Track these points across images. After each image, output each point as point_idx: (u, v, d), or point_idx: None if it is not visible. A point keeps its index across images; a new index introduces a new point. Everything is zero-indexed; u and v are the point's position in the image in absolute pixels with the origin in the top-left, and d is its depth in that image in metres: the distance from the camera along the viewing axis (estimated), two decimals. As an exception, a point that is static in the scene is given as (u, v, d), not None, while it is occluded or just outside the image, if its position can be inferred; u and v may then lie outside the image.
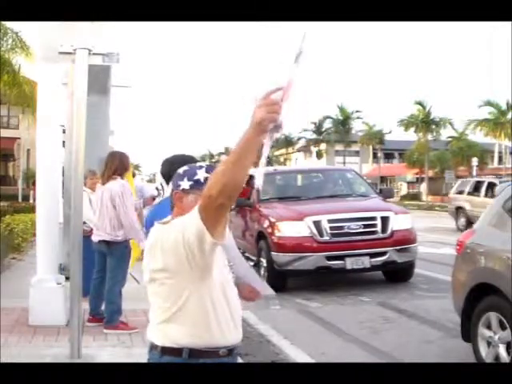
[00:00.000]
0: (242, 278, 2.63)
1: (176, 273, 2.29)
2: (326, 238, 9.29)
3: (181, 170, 2.47)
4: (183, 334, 2.34)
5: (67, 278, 6.18)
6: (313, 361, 5.88)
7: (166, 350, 2.37)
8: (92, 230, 6.85)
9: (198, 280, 2.30)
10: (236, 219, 10.93)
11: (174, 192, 2.45)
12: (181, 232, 2.23)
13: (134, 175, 12.03)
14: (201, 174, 2.42)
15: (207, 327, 2.34)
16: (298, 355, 6.07)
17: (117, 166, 6.50)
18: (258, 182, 2.37)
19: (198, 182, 2.41)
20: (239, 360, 2.82)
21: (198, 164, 2.50)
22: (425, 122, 52.74)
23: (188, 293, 2.31)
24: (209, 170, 2.44)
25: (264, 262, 9.66)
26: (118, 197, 6.36)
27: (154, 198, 8.49)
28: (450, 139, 54.19)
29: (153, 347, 2.43)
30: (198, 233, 2.17)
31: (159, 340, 2.40)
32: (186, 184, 2.42)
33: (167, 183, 3.39)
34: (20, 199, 28.10)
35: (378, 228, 9.50)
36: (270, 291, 2.75)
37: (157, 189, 8.31)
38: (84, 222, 7.17)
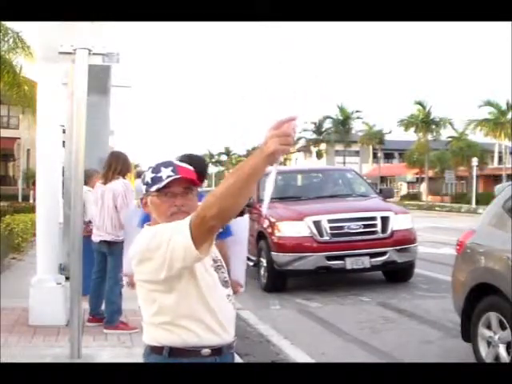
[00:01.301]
0: (232, 272, 2.64)
1: (151, 277, 2.30)
2: (326, 238, 9.29)
3: (146, 173, 2.45)
4: (162, 333, 2.37)
5: (67, 278, 6.18)
6: (313, 361, 5.88)
7: (151, 349, 2.42)
8: (91, 229, 6.85)
9: (174, 287, 2.30)
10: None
11: (141, 199, 2.47)
12: (166, 240, 2.21)
13: (140, 175, 11.98)
14: (148, 176, 2.40)
15: (185, 328, 2.35)
16: (297, 355, 6.07)
17: (121, 166, 6.51)
18: (265, 208, 2.35)
19: (147, 184, 2.39)
20: (238, 360, 2.81)
21: (150, 166, 2.46)
22: (425, 122, 52.78)
23: (163, 298, 2.33)
24: (155, 169, 2.39)
25: (264, 261, 9.66)
26: (120, 197, 6.37)
27: None
28: (450, 139, 54.21)
29: (144, 346, 2.49)
30: (184, 246, 2.16)
31: (146, 339, 2.46)
32: (143, 189, 2.43)
33: None
34: (20, 199, 28.10)
35: (378, 228, 9.50)
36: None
37: None
38: (89, 222, 7.19)
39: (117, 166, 6.48)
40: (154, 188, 2.36)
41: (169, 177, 2.35)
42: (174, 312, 2.34)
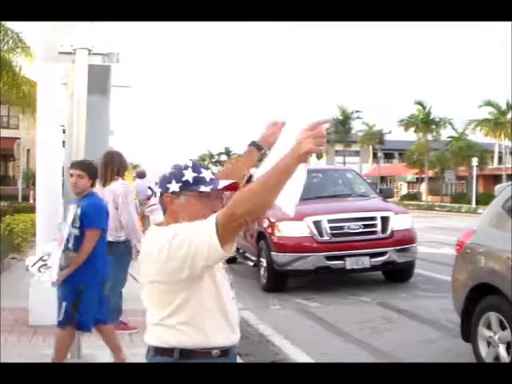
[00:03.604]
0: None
1: (171, 277, 2.28)
2: (326, 238, 9.29)
3: (167, 173, 2.43)
4: (174, 335, 2.35)
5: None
6: (313, 361, 5.88)
7: (158, 351, 2.39)
8: None
9: (193, 285, 2.30)
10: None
11: (164, 195, 2.40)
12: (188, 239, 2.20)
13: (143, 176, 12.00)
14: (188, 175, 2.38)
15: (198, 329, 2.34)
16: (297, 355, 6.08)
17: (118, 166, 6.50)
18: (290, 210, 2.31)
19: (187, 182, 2.37)
20: (238, 360, 2.81)
21: (184, 164, 2.43)
22: (425, 122, 52.80)
23: (182, 297, 2.31)
24: (195, 168, 2.40)
25: (264, 262, 9.66)
26: (121, 197, 6.36)
27: (148, 198, 8.46)
28: (449, 139, 54.23)
29: (148, 348, 2.45)
30: (209, 244, 2.15)
31: (152, 340, 2.41)
32: (175, 186, 2.37)
33: None
34: (20, 199, 28.09)
35: (378, 228, 9.50)
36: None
37: (150, 188, 8.29)
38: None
39: (113, 166, 6.47)
40: (200, 187, 2.35)
41: (212, 180, 2.38)
42: (189, 313, 2.32)
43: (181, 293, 2.31)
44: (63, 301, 4.84)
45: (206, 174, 2.39)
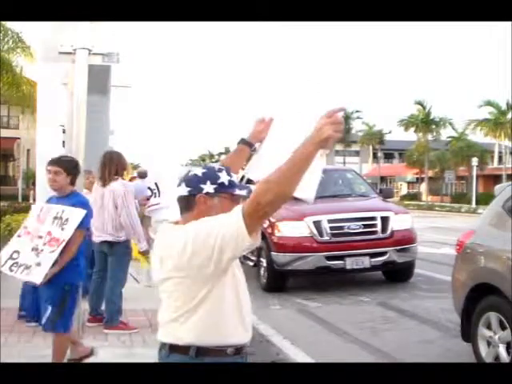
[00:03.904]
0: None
1: (196, 273, 2.30)
2: (326, 238, 9.29)
3: (198, 173, 2.43)
4: (191, 332, 2.35)
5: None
6: (313, 361, 5.88)
7: (173, 348, 2.39)
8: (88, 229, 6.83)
9: (216, 281, 2.32)
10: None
11: (196, 195, 2.40)
12: (214, 231, 2.23)
13: (144, 176, 11.95)
14: (224, 177, 2.42)
15: (216, 326, 2.36)
16: (297, 355, 6.07)
17: (117, 166, 6.49)
18: (311, 197, 2.33)
19: (222, 185, 2.40)
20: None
21: (217, 167, 2.48)
22: (425, 122, 52.81)
23: (204, 293, 2.32)
24: (228, 172, 2.45)
25: (264, 262, 9.65)
26: (120, 197, 6.36)
27: (147, 198, 8.46)
28: (449, 139, 54.25)
29: (161, 346, 2.46)
30: (237, 233, 2.19)
31: (167, 338, 2.42)
32: (209, 187, 2.39)
33: None
34: (20, 199, 28.07)
35: (378, 228, 9.50)
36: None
37: (149, 188, 8.27)
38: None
39: (111, 167, 6.46)
40: (235, 190, 2.41)
41: (241, 183, 2.48)
42: (209, 309, 2.34)
43: (203, 289, 2.32)
44: (48, 304, 4.70)
45: (235, 178, 2.47)
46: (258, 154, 2.89)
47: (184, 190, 2.42)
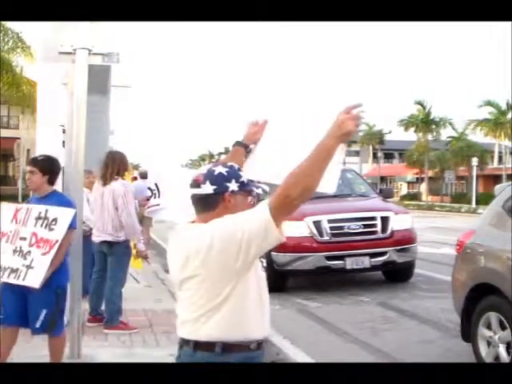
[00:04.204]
0: None
1: (222, 269, 2.32)
2: (326, 237, 9.29)
3: (223, 171, 2.46)
4: (216, 328, 2.37)
5: (67, 278, 6.17)
6: (313, 361, 5.88)
7: (198, 346, 2.40)
8: (91, 229, 6.83)
9: (240, 277, 2.36)
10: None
11: (221, 193, 2.43)
12: (240, 227, 2.28)
13: (145, 176, 11.96)
14: (244, 176, 2.49)
15: (241, 322, 2.39)
16: (297, 355, 6.07)
17: (119, 166, 6.50)
18: (332, 189, 2.45)
19: (243, 183, 2.46)
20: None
21: (237, 166, 2.54)
22: (425, 122, 52.81)
23: (228, 290, 2.35)
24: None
25: (264, 262, 9.65)
26: (120, 197, 6.36)
27: (147, 199, 8.46)
28: (449, 139, 54.25)
29: (184, 343, 2.45)
30: (264, 228, 2.26)
31: (192, 335, 2.42)
32: (234, 186, 2.44)
33: None
34: (20, 199, 28.07)
35: (378, 228, 9.50)
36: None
37: (149, 189, 8.27)
38: (83, 222, 7.18)
39: (114, 166, 6.46)
40: (252, 188, 2.49)
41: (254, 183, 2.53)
42: (234, 305, 2.37)
43: (228, 286, 2.35)
44: (43, 308, 4.60)
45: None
46: (254, 155, 2.92)
47: (209, 189, 2.43)
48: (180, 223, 2.58)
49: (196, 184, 2.47)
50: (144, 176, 12.43)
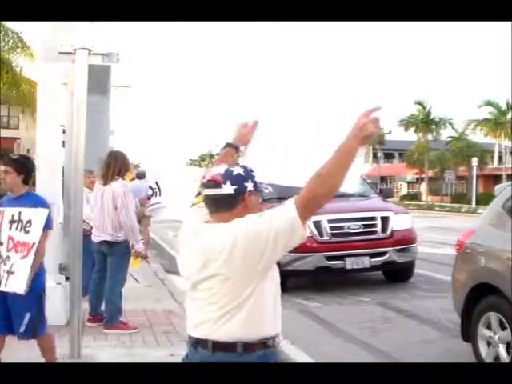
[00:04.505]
0: None
1: (246, 268, 2.33)
2: (326, 237, 9.28)
3: (241, 172, 2.48)
4: (239, 328, 2.37)
5: (67, 278, 6.17)
6: (313, 361, 5.88)
7: (218, 346, 2.39)
8: (91, 228, 6.83)
9: (262, 276, 2.38)
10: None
11: (241, 193, 2.45)
12: (266, 225, 2.31)
13: (143, 177, 11.97)
14: (256, 177, 2.53)
15: (260, 320, 2.41)
16: (298, 355, 6.07)
17: (120, 166, 6.50)
18: (354, 189, 2.50)
19: (256, 184, 2.50)
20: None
21: (249, 167, 2.56)
22: (425, 122, 52.82)
23: (251, 289, 2.36)
24: None
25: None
26: (120, 197, 6.36)
27: (148, 197, 8.46)
28: (450, 139, 54.23)
29: (199, 344, 2.43)
30: (291, 226, 2.29)
31: (211, 335, 2.40)
32: (251, 186, 2.48)
33: None
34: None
35: (378, 228, 9.50)
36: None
37: (150, 187, 8.28)
38: (83, 221, 7.18)
39: (115, 166, 6.46)
40: (262, 189, 2.54)
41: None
42: (255, 304, 2.37)
43: (250, 285, 2.36)
44: (26, 311, 4.51)
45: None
46: (245, 157, 2.93)
47: (230, 189, 2.45)
48: (191, 223, 2.58)
49: (215, 184, 2.46)
50: (141, 176, 12.43)
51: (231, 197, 2.45)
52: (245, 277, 2.35)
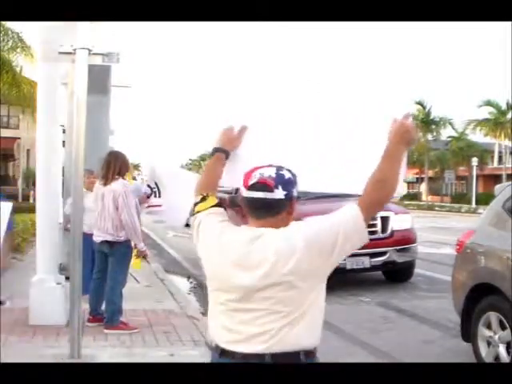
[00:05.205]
0: None
1: (314, 273, 2.33)
2: (326, 238, 9.28)
3: (290, 176, 2.43)
4: (302, 336, 2.33)
5: (67, 278, 6.17)
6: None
7: (279, 357, 2.30)
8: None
9: (325, 278, 2.41)
10: (235, 219, 10.92)
11: (290, 199, 2.43)
12: (333, 230, 2.31)
13: (134, 179, 11.97)
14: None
15: (318, 327, 2.43)
16: (298, 355, 6.06)
17: (120, 166, 6.49)
18: (400, 192, 2.65)
19: (297, 189, 2.49)
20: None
21: (294, 171, 2.52)
22: (425, 122, 52.79)
23: (314, 296, 2.38)
24: None
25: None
26: (121, 197, 6.35)
27: (148, 196, 8.46)
28: (449, 139, 54.22)
29: (251, 359, 2.31)
30: (356, 229, 2.32)
31: (271, 348, 2.30)
32: (295, 191, 2.47)
33: None
34: (20, 199, 28.09)
35: (378, 228, 9.49)
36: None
37: (149, 186, 8.28)
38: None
39: (115, 166, 6.46)
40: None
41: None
42: (314, 312, 2.40)
43: (314, 291, 2.38)
44: None
45: None
46: (233, 162, 2.86)
47: (281, 194, 2.39)
48: (228, 227, 2.52)
49: (267, 188, 2.36)
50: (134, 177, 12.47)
51: (280, 201, 2.40)
52: (311, 282, 2.34)
